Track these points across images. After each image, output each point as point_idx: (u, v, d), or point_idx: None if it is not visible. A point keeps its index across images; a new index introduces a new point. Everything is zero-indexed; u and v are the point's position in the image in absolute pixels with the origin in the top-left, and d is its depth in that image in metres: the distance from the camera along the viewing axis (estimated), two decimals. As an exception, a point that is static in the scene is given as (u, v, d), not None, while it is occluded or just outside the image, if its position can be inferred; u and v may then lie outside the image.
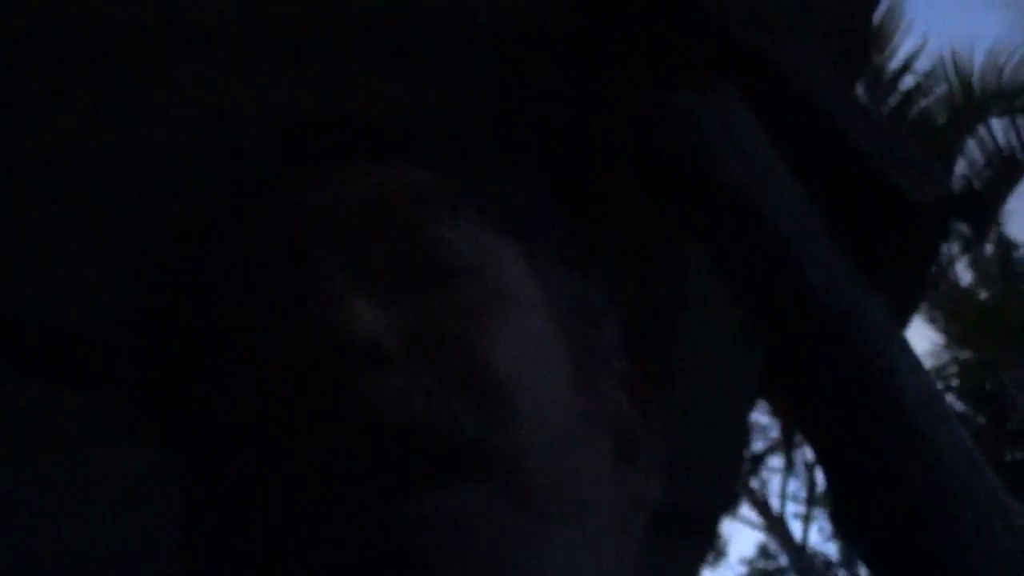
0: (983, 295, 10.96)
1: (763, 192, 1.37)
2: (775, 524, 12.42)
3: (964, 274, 10.98)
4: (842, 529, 1.31)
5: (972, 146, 10.17)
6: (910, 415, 1.21)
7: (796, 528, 12.99)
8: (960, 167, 9.69)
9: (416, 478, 0.50)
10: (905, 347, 1.30)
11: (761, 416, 10.48)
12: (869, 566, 1.23)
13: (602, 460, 0.59)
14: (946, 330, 10.38)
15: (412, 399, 0.52)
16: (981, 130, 10.17)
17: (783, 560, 15.97)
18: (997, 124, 10.12)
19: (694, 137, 1.45)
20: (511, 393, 0.54)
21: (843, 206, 1.40)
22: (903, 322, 1.41)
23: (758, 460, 11.81)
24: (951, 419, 1.24)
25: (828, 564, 15.30)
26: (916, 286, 1.55)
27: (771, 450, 12.00)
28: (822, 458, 1.27)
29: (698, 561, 4.03)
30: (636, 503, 0.62)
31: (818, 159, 1.44)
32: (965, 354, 10.35)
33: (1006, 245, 11.19)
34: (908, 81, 9.56)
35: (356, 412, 0.51)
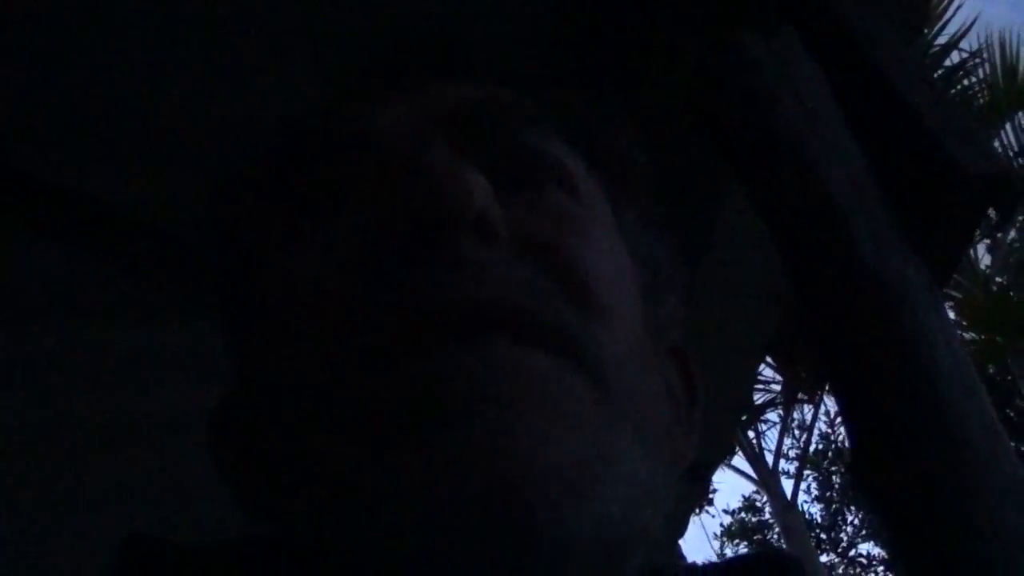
0: (998, 279, 10.91)
1: (819, 146, 1.36)
2: (767, 478, 12.45)
3: (984, 257, 10.91)
4: (859, 482, 1.32)
5: (1008, 131, 10.10)
6: (940, 384, 1.21)
7: (785, 486, 13.05)
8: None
9: (499, 335, 0.50)
10: (943, 318, 1.30)
11: (763, 369, 10.45)
12: (880, 520, 1.24)
13: (660, 393, 0.61)
14: (959, 309, 10.35)
15: (511, 277, 0.52)
16: (1020, 116, 10.09)
17: (767, 514, 16.13)
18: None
19: (755, 81, 1.44)
20: (597, 295, 0.55)
21: (895, 168, 1.39)
22: (938, 291, 1.40)
23: (757, 413, 11.81)
24: (980, 394, 1.24)
25: (811, 525, 15.44)
26: (953, 257, 1.54)
27: (770, 404, 12.00)
28: (848, 412, 1.28)
29: (688, 509, 4.07)
30: (674, 453, 0.63)
31: (876, 120, 1.43)
32: (972, 335, 10.33)
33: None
34: (953, 58, 9.48)
35: (456, 274, 0.51)
